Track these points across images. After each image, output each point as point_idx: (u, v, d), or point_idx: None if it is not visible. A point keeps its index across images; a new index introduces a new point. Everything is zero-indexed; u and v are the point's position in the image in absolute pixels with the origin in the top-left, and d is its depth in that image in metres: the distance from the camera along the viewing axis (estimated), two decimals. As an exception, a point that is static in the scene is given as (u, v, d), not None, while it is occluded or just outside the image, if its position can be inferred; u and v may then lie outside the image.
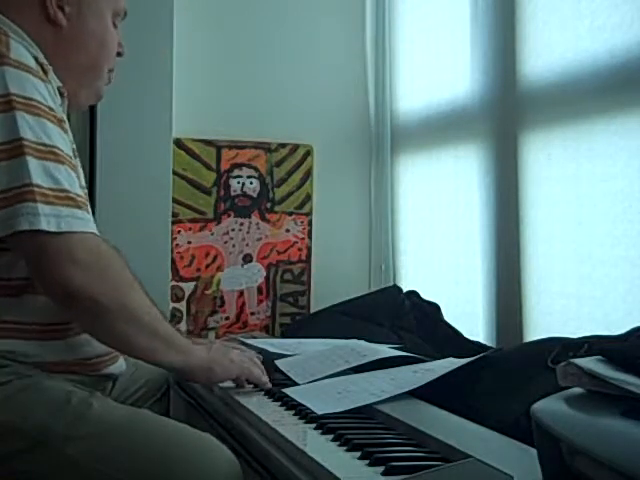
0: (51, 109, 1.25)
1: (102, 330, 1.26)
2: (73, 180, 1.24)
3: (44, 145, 1.21)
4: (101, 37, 1.43)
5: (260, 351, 1.65)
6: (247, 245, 2.36)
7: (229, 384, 1.45)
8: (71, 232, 1.19)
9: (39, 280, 1.23)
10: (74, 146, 1.37)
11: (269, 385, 1.44)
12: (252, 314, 2.37)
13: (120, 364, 1.42)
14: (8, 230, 1.17)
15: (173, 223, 2.26)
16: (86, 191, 1.39)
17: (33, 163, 1.18)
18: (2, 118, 1.19)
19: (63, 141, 1.26)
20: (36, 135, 1.20)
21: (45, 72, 1.29)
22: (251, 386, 1.45)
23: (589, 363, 0.90)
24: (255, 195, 2.37)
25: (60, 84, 1.37)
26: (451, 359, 1.50)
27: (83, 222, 1.22)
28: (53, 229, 1.17)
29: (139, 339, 1.26)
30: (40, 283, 1.23)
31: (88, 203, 1.33)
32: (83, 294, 1.19)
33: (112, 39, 1.46)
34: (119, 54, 1.49)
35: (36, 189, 1.17)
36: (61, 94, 1.36)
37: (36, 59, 1.28)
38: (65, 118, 1.34)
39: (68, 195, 1.21)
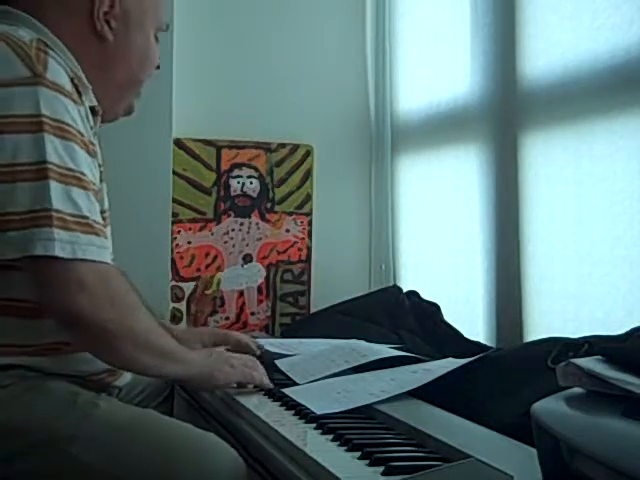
0: (81, 133, 1.24)
1: (109, 354, 1.25)
2: (94, 207, 1.23)
3: (69, 170, 1.20)
4: (144, 53, 1.42)
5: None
6: (247, 245, 2.36)
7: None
8: (84, 259, 1.18)
9: (47, 305, 1.22)
10: (102, 169, 1.35)
11: (271, 386, 1.44)
12: (252, 314, 2.37)
13: (125, 376, 1.41)
14: (23, 253, 1.16)
15: (173, 223, 2.26)
16: (108, 214, 1.38)
17: (56, 187, 1.17)
18: (31, 139, 1.17)
19: (89, 166, 1.25)
20: (62, 159, 1.19)
21: (79, 93, 1.28)
22: (251, 385, 1.46)
23: (589, 363, 0.90)
24: (255, 195, 2.37)
25: (95, 103, 1.35)
26: (451, 359, 1.50)
27: (98, 250, 1.21)
28: (67, 256, 1.16)
29: (145, 359, 1.26)
30: (47, 308, 1.22)
31: (107, 228, 1.32)
32: (91, 321, 1.18)
33: (154, 54, 1.45)
34: (157, 67, 1.49)
35: (54, 214, 1.16)
36: (94, 112, 1.35)
37: (72, 80, 1.26)
38: (95, 141, 1.33)
39: (87, 222, 1.20)
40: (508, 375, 1.35)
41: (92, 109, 1.34)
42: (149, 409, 1.36)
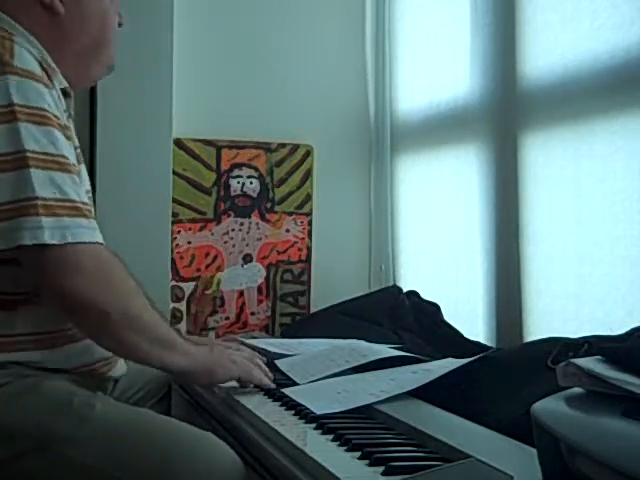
0: (56, 117, 1.24)
1: (106, 338, 1.26)
2: (79, 188, 1.23)
3: (49, 154, 1.20)
4: (101, 15, 1.40)
5: (260, 351, 1.65)
6: (247, 245, 2.36)
7: (231, 384, 1.45)
8: (76, 242, 1.18)
9: (44, 290, 1.23)
10: (79, 151, 1.36)
11: (272, 386, 1.44)
12: (252, 314, 2.37)
13: (120, 367, 1.42)
14: (12, 243, 1.16)
15: (173, 223, 2.26)
16: (90, 195, 1.38)
17: (38, 174, 1.17)
18: (5, 129, 1.17)
19: (68, 149, 1.25)
20: (41, 145, 1.19)
21: (49, 77, 1.27)
22: (251, 386, 1.45)
23: (589, 363, 0.90)
24: (255, 195, 2.37)
25: (65, 84, 1.35)
26: (451, 359, 1.50)
27: (88, 231, 1.21)
28: (57, 241, 1.16)
29: (142, 345, 1.26)
30: (45, 293, 1.23)
31: (93, 209, 1.32)
32: (87, 302, 1.19)
33: (112, 14, 1.43)
34: (119, 24, 1.47)
35: (39, 202, 1.16)
36: (66, 94, 1.35)
37: (41, 64, 1.25)
38: (69, 124, 1.33)
39: (74, 205, 1.20)
40: (508, 375, 1.35)
41: (63, 91, 1.33)
42: (146, 409, 1.36)
